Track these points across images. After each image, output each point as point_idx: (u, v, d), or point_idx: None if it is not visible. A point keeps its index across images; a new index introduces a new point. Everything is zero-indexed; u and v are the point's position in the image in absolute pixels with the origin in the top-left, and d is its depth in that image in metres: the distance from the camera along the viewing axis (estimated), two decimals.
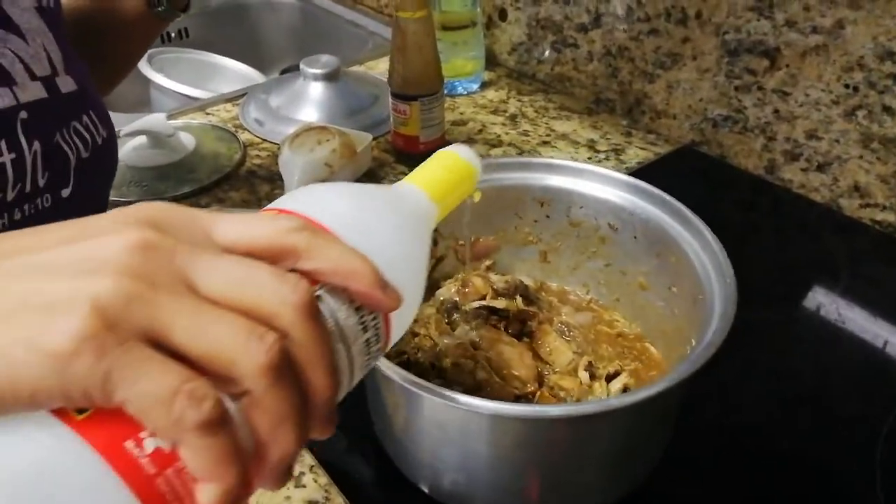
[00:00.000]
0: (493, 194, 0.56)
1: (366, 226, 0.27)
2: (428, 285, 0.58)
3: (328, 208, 0.27)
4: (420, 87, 0.78)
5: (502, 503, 0.43)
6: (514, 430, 0.38)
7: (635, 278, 0.55)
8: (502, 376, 0.49)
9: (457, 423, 0.39)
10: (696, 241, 0.47)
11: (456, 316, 0.53)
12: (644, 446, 0.44)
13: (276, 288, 0.22)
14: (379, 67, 1.07)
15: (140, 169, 0.82)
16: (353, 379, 0.27)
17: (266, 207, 0.27)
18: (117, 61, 0.69)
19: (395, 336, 0.29)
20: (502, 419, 0.37)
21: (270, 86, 1.00)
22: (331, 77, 0.92)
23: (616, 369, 0.49)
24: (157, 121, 0.83)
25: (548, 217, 0.56)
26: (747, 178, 0.82)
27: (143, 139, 0.83)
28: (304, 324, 0.22)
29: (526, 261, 0.59)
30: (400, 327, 0.29)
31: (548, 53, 1.00)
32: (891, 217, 0.72)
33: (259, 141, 0.90)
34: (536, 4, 0.98)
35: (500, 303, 0.54)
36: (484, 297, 0.55)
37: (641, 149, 0.87)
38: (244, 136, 0.90)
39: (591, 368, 0.50)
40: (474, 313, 0.54)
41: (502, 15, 1.04)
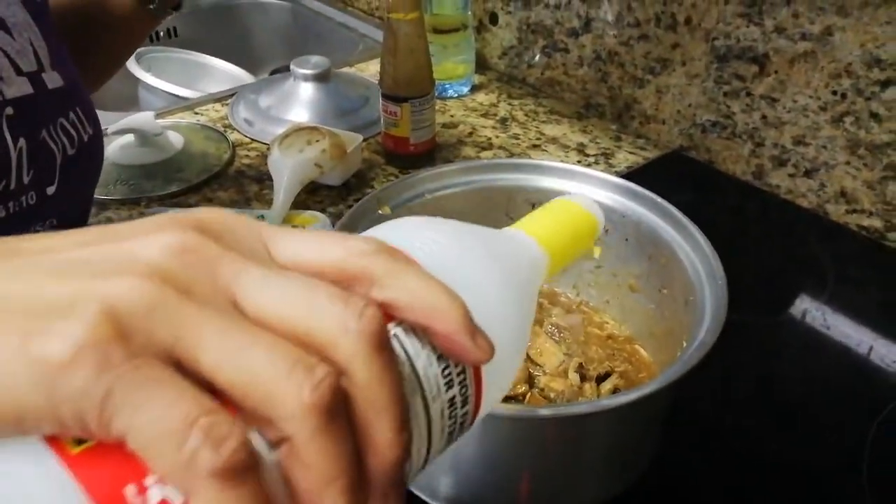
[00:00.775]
0: (485, 195, 0.56)
1: (462, 265, 0.23)
2: None
3: (419, 238, 0.23)
4: (411, 89, 0.78)
5: (493, 503, 0.43)
6: (505, 430, 0.38)
7: (626, 280, 0.55)
8: None
9: None
10: (687, 243, 0.47)
11: None
12: (635, 447, 0.44)
13: (337, 312, 0.17)
14: (369, 69, 1.07)
15: (127, 167, 0.81)
16: (432, 446, 0.21)
17: None
18: (107, 57, 0.69)
19: (489, 401, 0.23)
20: (493, 419, 0.37)
21: (260, 86, 0.99)
22: (321, 78, 0.92)
23: (607, 370, 0.49)
24: (145, 119, 0.82)
25: None
26: (735, 183, 0.82)
27: (130, 137, 0.83)
28: (369, 358, 0.17)
29: None
30: (495, 391, 0.24)
31: (538, 58, 1.01)
32: (877, 223, 0.72)
33: (248, 141, 0.89)
34: (527, 9, 0.99)
35: None
36: None
37: (630, 153, 0.87)
38: (233, 136, 0.89)
39: (581, 370, 0.50)
40: None
41: (493, 19, 1.05)
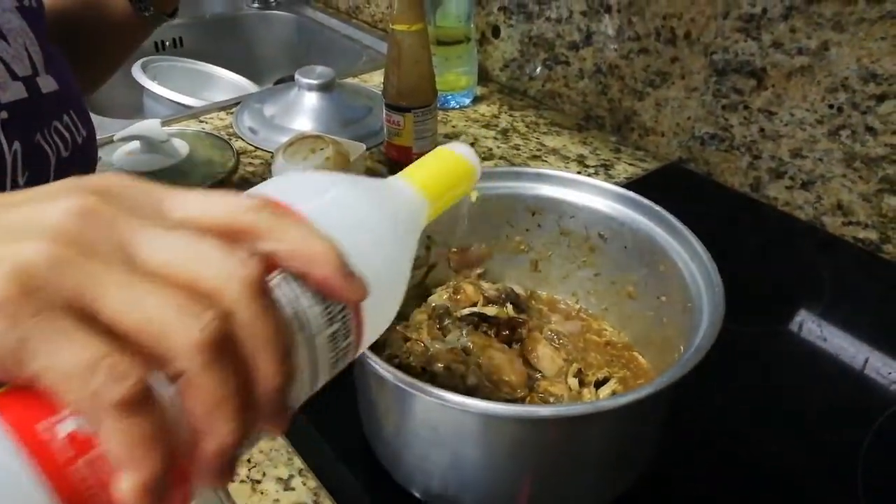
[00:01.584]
0: (485, 203, 0.56)
1: (342, 214, 0.26)
2: (420, 292, 0.58)
3: (303, 193, 0.25)
4: (414, 99, 0.79)
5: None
6: (506, 431, 0.39)
7: (624, 287, 0.55)
8: (493, 381, 0.49)
9: (448, 424, 0.40)
10: (685, 250, 0.48)
11: (447, 322, 0.54)
12: (634, 449, 0.44)
13: (221, 262, 0.20)
14: (373, 80, 1.09)
15: (133, 173, 0.82)
16: (318, 376, 0.25)
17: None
18: (102, 62, 0.70)
19: (370, 333, 0.27)
20: (494, 419, 0.38)
21: (265, 95, 1.00)
22: (326, 88, 0.93)
23: (605, 375, 0.50)
24: (151, 126, 0.83)
25: (539, 226, 0.57)
26: (733, 195, 0.83)
27: (136, 144, 0.84)
28: (250, 301, 0.20)
29: (517, 269, 0.60)
30: (376, 324, 0.27)
31: (539, 70, 1.02)
32: (873, 235, 0.73)
33: (252, 149, 0.90)
34: (529, 22, 1.00)
35: (490, 310, 0.55)
36: (475, 304, 0.56)
37: (630, 164, 0.88)
38: (238, 144, 0.90)
39: (580, 375, 0.51)
40: (465, 320, 0.55)
41: (495, 32, 1.06)
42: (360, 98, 0.98)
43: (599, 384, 0.50)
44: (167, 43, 1.33)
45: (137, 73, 1.14)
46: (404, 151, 0.83)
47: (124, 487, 0.18)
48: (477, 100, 1.03)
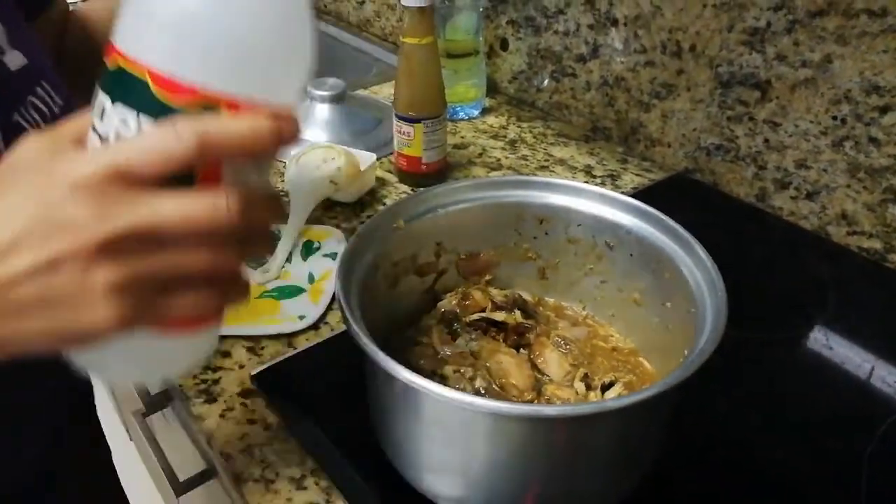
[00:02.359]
0: (495, 211, 0.58)
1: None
2: (430, 298, 0.60)
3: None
4: (424, 110, 0.81)
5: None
6: (514, 430, 0.40)
7: (630, 294, 0.56)
8: (501, 385, 0.50)
9: (457, 423, 0.41)
10: (689, 257, 0.49)
11: (456, 327, 0.55)
12: (639, 451, 0.45)
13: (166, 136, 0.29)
14: (383, 92, 1.10)
15: None
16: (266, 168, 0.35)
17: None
18: None
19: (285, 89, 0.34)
20: (502, 418, 0.39)
21: None
22: (337, 99, 0.95)
23: (611, 379, 0.51)
24: None
25: (547, 234, 0.58)
26: (739, 205, 0.84)
27: None
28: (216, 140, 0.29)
29: (525, 276, 0.61)
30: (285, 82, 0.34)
31: (547, 82, 1.04)
32: (877, 244, 0.74)
33: None
34: (537, 35, 1.02)
35: (499, 315, 0.56)
36: (484, 309, 0.57)
37: (637, 175, 0.89)
38: None
39: (586, 380, 0.52)
40: (474, 325, 0.56)
41: (504, 45, 1.08)
42: (371, 109, 1.00)
43: (605, 388, 0.51)
44: None
45: None
46: (414, 161, 0.84)
47: None
48: (485, 111, 1.05)
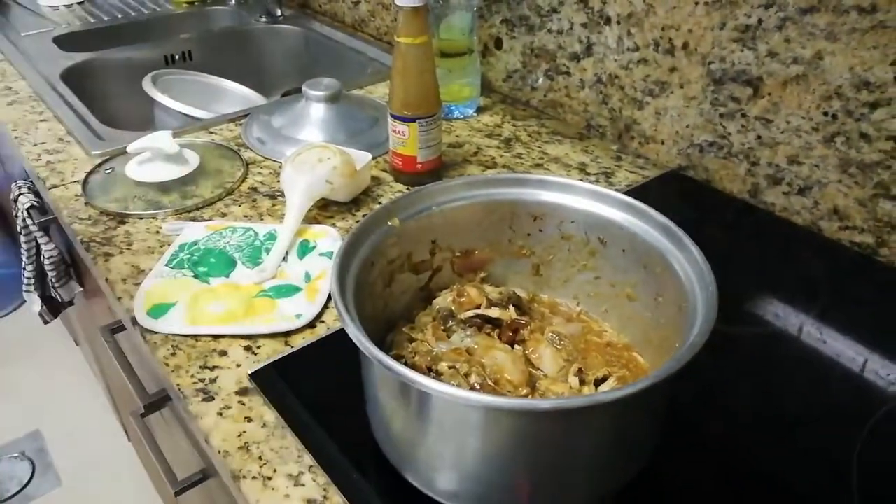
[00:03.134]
0: (489, 208, 0.58)
1: None
2: (425, 295, 0.60)
3: None
4: (419, 109, 0.81)
5: (497, 499, 0.45)
6: (508, 424, 0.40)
7: (623, 290, 0.57)
8: (495, 380, 0.51)
9: (452, 418, 0.41)
10: (680, 252, 0.50)
11: (452, 323, 0.55)
12: (633, 444, 0.46)
13: None
14: (378, 91, 1.11)
15: (144, 183, 0.84)
16: None
17: None
18: None
19: None
20: (497, 412, 0.39)
21: (273, 107, 1.03)
22: (332, 99, 0.95)
23: (605, 374, 0.51)
24: (162, 138, 0.85)
25: (541, 231, 0.59)
26: (732, 201, 0.85)
27: (148, 155, 0.86)
28: None
29: (519, 273, 0.62)
30: None
31: (541, 81, 1.04)
32: (869, 239, 0.75)
33: (261, 159, 0.92)
34: (531, 34, 1.02)
35: (494, 312, 0.57)
36: (478, 306, 0.58)
37: (630, 172, 0.90)
38: (247, 155, 0.93)
39: (580, 374, 0.53)
40: (469, 321, 0.56)
41: (498, 43, 1.08)
42: (366, 109, 1.01)
43: (599, 382, 0.51)
44: (176, 56, 1.36)
45: (148, 86, 1.16)
46: (409, 161, 0.85)
47: None
48: (480, 110, 1.05)
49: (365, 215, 0.80)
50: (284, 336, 0.63)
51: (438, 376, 0.50)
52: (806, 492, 0.51)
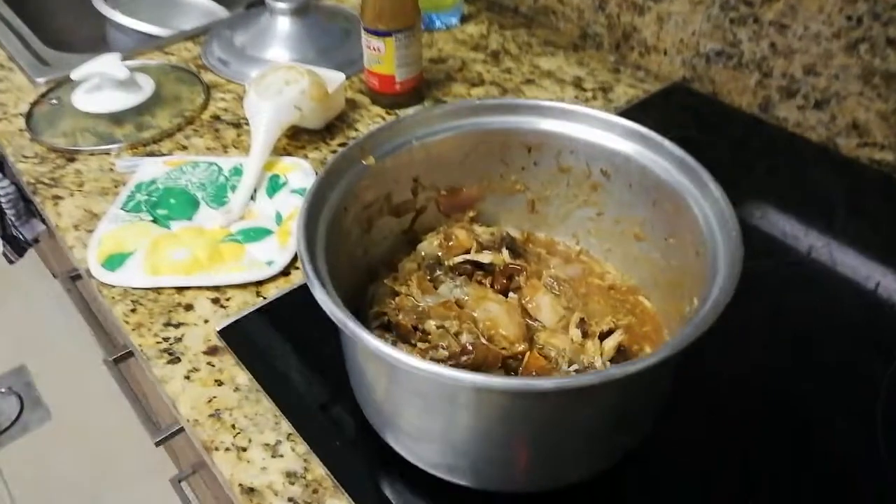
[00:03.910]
0: (478, 139, 0.52)
1: None
2: (408, 239, 0.54)
3: None
4: (395, 22, 0.73)
5: (488, 473, 0.41)
6: (500, 403, 0.35)
7: (629, 228, 0.51)
8: (489, 336, 0.46)
9: (440, 395, 0.36)
10: (697, 190, 0.44)
11: (439, 272, 0.50)
12: (643, 410, 0.41)
13: None
14: (350, 0, 1.01)
15: (94, 115, 0.76)
16: None
17: None
18: None
19: None
20: (488, 392, 0.34)
21: (235, 22, 0.93)
22: (299, 11, 0.86)
23: (610, 327, 0.46)
24: (110, 62, 0.76)
25: (536, 164, 0.53)
26: (740, 116, 0.78)
27: (96, 82, 0.77)
28: None
29: (512, 211, 0.55)
30: None
31: None
32: (889, 156, 0.69)
33: (223, 82, 0.84)
34: None
35: (485, 257, 0.51)
36: (468, 250, 0.52)
37: (630, 86, 0.82)
38: (207, 78, 0.84)
39: (583, 326, 0.48)
40: (458, 269, 0.51)
41: None
42: (338, 20, 0.91)
43: (604, 336, 0.46)
44: None
45: (99, 2, 1.05)
46: (387, 81, 0.77)
47: None
48: (464, 19, 0.96)
49: (342, 145, 0.74)
50: (256, 286, 0.58)
51: (425, 336, 0.45)
52: (820, 413, 0.48)
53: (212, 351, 0.53)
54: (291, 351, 0.53)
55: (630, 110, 0.78)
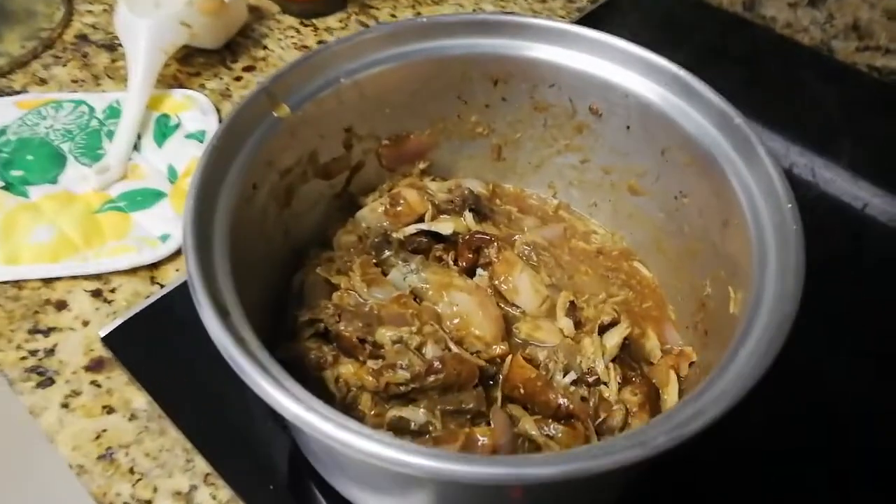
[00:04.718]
0: (429, 70, 0.39)
1: None
2: (343, 204, 0.42)
3: None
4: None
5: None
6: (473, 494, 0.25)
7: (622, 179, 0.41)
8: (459, 339, 0.35)
9: (392, 476, 0.26)
10: (727, 141, 0.33)
11: (387, 252, 0.38)
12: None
13: None
14: None
15: None
16: None
17: None
18: None
19: None
20: (453, 486, 0.24)
21: None
22: None
23: (612, 318, 0.36)
24: None
25: (504, 100, 0.41)
26: (721, 16, 0.69)
27: None
28: None
29: (473, 158, 0.44)
30: None
31: None
32: (893, 62, 0.60)
33: None
34: None
35: (444, 226, 0.40)
36: (421, 217, 0.40)
37: None
38: None
39: (573, 312, 0.38)
40: (411, 242, 0.39)
41: None
42: None
43: (603, 329, 0.36)
44: None
45: None
46: None
47: None
48: None
49: (246, 68, 0.59)
50: (149, 270, 0.45)
51: (378, 349, 0.34)
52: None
53: (96, 365, 0.41)
54: (203, 359, 0.41)
55: (595, 13, 0.66)
